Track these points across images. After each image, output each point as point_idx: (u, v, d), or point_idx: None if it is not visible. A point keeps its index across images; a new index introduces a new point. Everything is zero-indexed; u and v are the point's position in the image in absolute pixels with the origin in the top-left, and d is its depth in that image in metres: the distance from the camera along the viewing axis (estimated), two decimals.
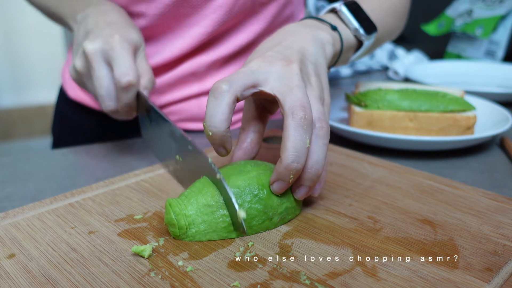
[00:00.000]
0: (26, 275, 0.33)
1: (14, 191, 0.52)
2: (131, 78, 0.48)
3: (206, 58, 0.67)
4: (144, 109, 0.52)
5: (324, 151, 0.39)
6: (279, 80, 0.40)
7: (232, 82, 0.39)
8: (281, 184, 0.39)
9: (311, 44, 0.45)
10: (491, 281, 0.33)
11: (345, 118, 0.73)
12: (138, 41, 0.53)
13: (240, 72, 0.40)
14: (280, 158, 0.38)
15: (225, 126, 0.38)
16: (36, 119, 2.85)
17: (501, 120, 0.68)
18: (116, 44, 0.49)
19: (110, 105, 0.51)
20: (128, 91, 0.49)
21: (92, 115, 0.75)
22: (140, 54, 0.53)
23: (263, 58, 0.42)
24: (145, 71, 0.52)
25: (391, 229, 0.40)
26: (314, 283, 0.33)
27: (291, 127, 0.37)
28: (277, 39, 0.45)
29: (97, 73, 0.49)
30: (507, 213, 0.43)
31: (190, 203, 0.38)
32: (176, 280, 0.33)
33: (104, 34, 0.50)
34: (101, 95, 0.50)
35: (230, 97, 0.38)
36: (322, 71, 0.44)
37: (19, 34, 2.80)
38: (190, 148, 0.43)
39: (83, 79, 0.52)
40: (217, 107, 0.38)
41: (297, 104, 0.38)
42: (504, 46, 1.17)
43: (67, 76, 0.77)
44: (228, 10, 0.64)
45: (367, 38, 0.54)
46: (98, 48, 0.49)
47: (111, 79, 0.50)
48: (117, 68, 0.48)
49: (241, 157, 0.44)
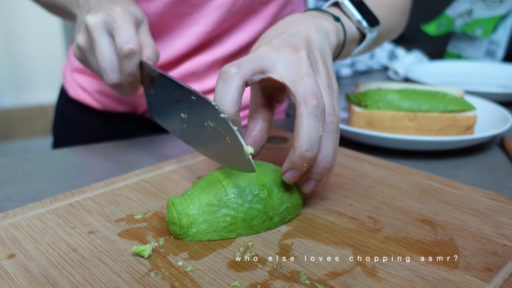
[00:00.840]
0: (26, 275, 0.33)
1: (14, 191, 0.52)
2: (133, 45, 0.48)
3: (206, 58, 0.67)
4: (148, 80, 0.50)
5: (333, 145, 0.39)
6: (288, 67, 0.40)
7: (241, 65, 0.38)
8: (294, 172, 0.38)
9: (316, 32, 0.45)
10: (491, 281, 0.33)
11: (345, 118, 0.73)
12: (139, 15, 0.52)
13: (248, 57, 0.40)
14: (293, 147, 0.37)
15: (235, 109, 0.38)
16: (36, 119, 2.85)
17: (501, 120, 0.68)
18: (118, 15, 0.49)
19: (114, 78, 0.50)
20: (131, 59, 0.48)
21: (93, 115, 0.75)
22: (143, 29, 0.53)
23: (270, 45, 0.41)
24: (148, 43, 0.51)
25: (391, 229, 0.40)
26: (314, 283, 0.33)
27: (304, 116, 0.37)
28: (281, 28, 0.45)
29: (99, 45, 0.49)
30: (507, 213, 0.43)
31: (193, 202, 0.38)
32: (176, 280, 0.33)
33: (106, 8, 0.50)
34: (104, 68, 0.49)
35: (240, 80, 0.38)
36: (328, 57, 0.44)
37: (19, 34, 2.80)
38: (193, 98, 0.42)
39: (86, 55, 0.52)
40: (226, 90, 0.38)
41: (309, 93, 0.37)
42: (504, 46, 1.17)
43: (68, 76, 0.77)
44: (228, 9, 0.64)
45: (370, 30, 0.54)
46: (99, 21, 0.49)
47: (113, 51, 0.49)
48: (119, 37, 0.48)
49: (251, 145, 0.43)
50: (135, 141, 0.67)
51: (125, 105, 0.72)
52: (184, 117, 0.44)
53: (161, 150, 0.63)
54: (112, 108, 0.72)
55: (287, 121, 0.78)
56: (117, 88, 0.52)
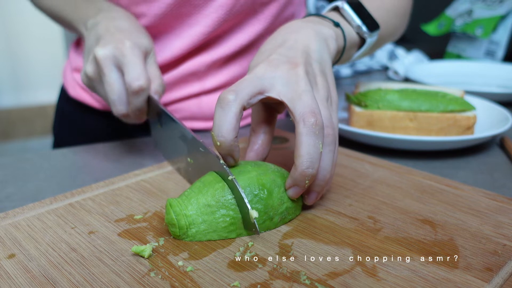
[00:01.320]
0: (26, 275, 0.33)
1: (14, 191, 0.52)
2: (142, 82, 0.49)
3: (206, 58, 0.67)
4: (155, 113, 0.52)
5: (331, 158, 0.40)
6: (286, 85, 0.40)
7: (238, 91, 0.39)
8: (297, 189, 0.39)
9: (314, 40, 0.45)
10: (491, 281, 0.33)
11: (345, 118, 0.73)
12: (148, 46, 0.54)
13: (245, 79, 0.40)
14: (294, 165, 0.38)
15: (233, 135, 0.39)
16: (36, 119, 2.85)
17: (501, 120, 0.68)
18: (127, 50, 0.50)
19: (122, 110, 0.52)
20: (139, 95, 0.50)
21: (93, 114, 0.75)
22: (150, 59, 0.54)
23: (268, 62, 0.42)
24: (155, 75, 0.53)
25: (391, 229, 0.40)
26: (314, 283, 0.33)
27: (303, 134, 0.38)
28: (280, 38, 0.45)
29: (108, 78, 0.50)
30: (507, 213, 0.43)
31: (191, 203, 0.38)
32: (176, 280, 0.33)
33: (115, 40, 0.51)
34: (113, 100, 0.51)
35: (237, 107, 0.39)
36: (327, 68, 0.45)
37: (19, 35, 2.80)
38: (201, 150, 0.43)
39: (94, 84, 0.53)
40: (224, 117, 0.38)
41: (307, 111, 0.38)
42: (504, 46, 1.17)
43: (68, 75, 0.77)
44: (229, 9, 0.64)
45: (370, 35, 0.54)
46: (109, 54, 0.50)
47: (122, 84, 0.51)
48: (128, 74, 0.49)
49: (253, 158, 0.45)
50: (135, 141, 0.67)
51: None
52: (190, 162, 0.46)
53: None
54: None
55: (287, 121, 0.78)
56: (124, 118, 0.54)
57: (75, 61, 0.76)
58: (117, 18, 0.56)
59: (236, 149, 0.40)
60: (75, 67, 0.75)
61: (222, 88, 0.71)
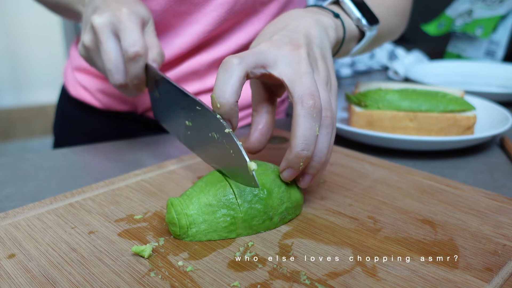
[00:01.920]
0: (26, 275, 0.33)
1: (14, 191, 0.52)
2: (138, 48, 0.48)
3: (207, 57, 0.67)
4: (153, 82, 0.51)
5: (328, 140, 0.40)
6: (288, 65, 0.40)
7: (243, 57, 0.39)
8: (291, 171, 0.39)
9: (315, 27, 0.45)
10: (491, 281, 0.33)
11: (345, 118, 0.73)
12: (145, 15, 0.53)
13: (250, 51, 0.40)
14: (289, 146, 0.38)
15: (235, 98, 0.38)
16: (36, 119, 2.85)
17: (501, 120, 0.68)
18: (124, 16, 0.49)
19: (119, 79, 0.50)
20: (136, 62, 0.49)
21: (94, 113, 0.75)
22: (149, 29, 0.53)
23: (271, 41, 0.42)
24: (153, 44, 0.52)
25: (391, 229, 0.40)
26: (314, 283, 0.33)
27: (300, 116, 0.38)
28: (281, 23, 0.46)
29: (105, 46, 0.49)
30: (507, 213, 0.43)
31: (192, 203, 0.38)
32: (176, 280, 0.33)
33: (112, 8, 0.50)
34: (110, 69, 0.50)
35: (241, 71, 0.38)
36: (327, 53, 0.45)
37: (19, 34, 2.80)
38: (198, 108, 0.42)
39: (91, 54, 0.52)
40: (227, 79, 0.38)
41: (306, 93, 0.38)
42: (504, 46, 1.17)
43: (69, 75, 0.77)
44: (229, 8, 0.64)
45: (369, 29, 0.54)
46: (105, 21, 0.49)
47: (119, 52, 0.50)
48: (125, 39, 0.48)
49: (258, 138, 0.44)
50: (135, 141, 0.67)
51: (126, 104, 0.72)
52: (189, 124, 0.45)
53: (161, 150, 0.63)
54: (113, 107, 0.72)
55: (287, 121, 0.78)
56: (122, 89, 0.52)
57: (76, 60, 0.76)
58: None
59: (235, 114, 0.39)
60: (76, 67, 0.75)
61: None
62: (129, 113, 0.73)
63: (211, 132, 0.40)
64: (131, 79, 0.50)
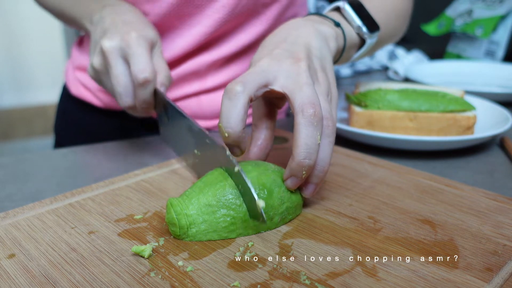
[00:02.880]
0: (26, 275, 0.33)
1: (14, 191, 0.52)
2: (147, 74, 0.49)
3: (207, 58, 0.68)
4: (161, 106, 0.52)
5: (330, 149, 0.40)
6: (289, 78, 0.41)
7: (246, 83, 0.39)
8: (295, 180, 0.40)
9: (315, 38, 0.46)
10: (491, 281, 0.33)
11: (345, 118, 0.73)
12: (154, 38, 0.53)
13: (251, 72, 0.41)
14: (292, 155, 0.39)
15: (241, 127, 0.39)
16: (36, 119, 2.85)
17: (501, 120, 0.68)
18: (133, 41, 0.50)
19: (128, 102, 0.51)
20: (145, 87, 0.50)
21: (94, 112, 0.75)
22: (157, 52, 0.54)
23: (271, 56, 0.42)
24: (161, 68, 0.53)
25: (391, 229, 0.40)
26: (314, 283, 0.33)
27: (301, 125, 0.38)
28: (281, 34, 0.46)
29: (114, 70, 0.50)
30: (507, 213, 0.43)
31: (191, 203, 0.38)
32: (176, 280, 0.33)
33: (121, 31, 0.51)
34: (119, 92, 0.51)
35: (245, 98, 0.39)
36: (328, 64, 0.45)
37: (19, 34, 2.80)
38: (208, 141, 0.43)
39: (100, 76, 0.53)
40: (232, 109, 0.39)
41: (307, 102, 0.39)
42: (504, 46, 1.17)
43: (70, 74, 0.77)
44: (231, 10, 0.64)
45: (370, 36, 0.54)
46: (115, 46, 0.50)
47: (128, 76, 0.50)
48: (134, 65, 0.49)
49: (257, 153, 0.45)
50: (135, 141, 0.67)
51: None
52: (197, 154, 0.46)
53: (161, 150, 0.63)
54: (113, 106, 0.72)
55: (287, 121, 0.78)
56: (130, 110, 0.53)
57: (77, 59, 0.76)
58: (123, 12, 0.56)
59: (243, 140, 0.40)
60: (78, 66, 0.75)
61: (222, 87, 0.71)
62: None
63: (221, 166, 0.41)
64: (140, 103, 0.51)
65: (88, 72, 0.54)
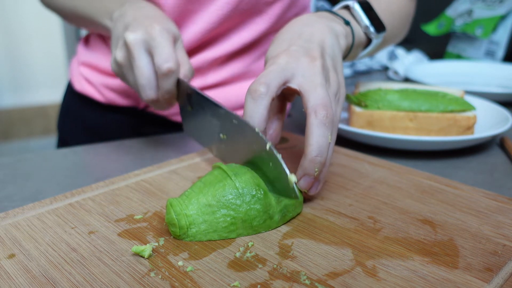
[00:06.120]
0: (26, 275, 0.33)
1: (14, 191, 0.52)
2: (171, 64, 0.49)
3: (209, 54, 0.68)
4: (184, 97, 0.52)
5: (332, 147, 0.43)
6: (305, 77, 0.42)
7: (269, 84, 0.41)
8: (308, 179, 0.41)
9: (328, 36, 0.47)
10: (491, 281, 0.33)
11: (345, 118, 0.73)
12: (176, 32, 0.54)
13: (272, 71, 0.42)
14: (304, 154, 0.40)
15: (264, 126, 0.41)
16: (36, 119, 2.85)
17: (501, 120, 0.68)
18: (157, 33, 0.50)
19: (151, 94, 0.52)
20: (169, 77, 0.50)
21: (96, 108, 0.75)
22: (179, 46, 0.55)
23: (289, 53, 0.44)
24: (184, 61, 0.53)
25: (391, 229, 0.40)
26: (314, 283, 0.33)
27: (314, 125, 0.40)
28: (295, 30, 0.47)
29: (138, 62, 0.50)
30: (507, 213, 0.43)
31: (191, 203, 0.38)
32: (176, 280, 0.33)
33: (144, 24, 0.51)
34: (142, 85, 0.51)
35: (268, 99, 0.41)
36: (339, 64, 0.47)
37: (19, 34, 2.80)
38: (235, 122, 0.44)
39: (123, 70, 0.53)
40: (256, 109, 0.41)
41: (320, 103, 0.40)
42: (504, 46, 1.17)
43: (75, 69, 0.78)
44: (234, 7, 0.64)
45: (376, 36, 0.56)
46: (139, 38, 0.50)
47: (151, 68, 0.51)
48: (158, 56, 0.50)
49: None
50: (135, 141, 0.67)
51: (128, 99, 0.72)
52: (223, 137, 0.47)
53: (161, 150, 0.63)
54: (115, 101, 0.73)
55: (287, 121, 0.78)
56: (153, 103, 0.54)
57: (83, 56, 0.76)
58: (143, 7, 0.56)
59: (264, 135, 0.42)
60: (83, 62, 0.76)
61: (223, 84, 0.71)
62: (131, 108, 0.73)
63: (249, 145, 0.42)
64: (163, 94, 0.52)
65: (111, 68, 0.55)
